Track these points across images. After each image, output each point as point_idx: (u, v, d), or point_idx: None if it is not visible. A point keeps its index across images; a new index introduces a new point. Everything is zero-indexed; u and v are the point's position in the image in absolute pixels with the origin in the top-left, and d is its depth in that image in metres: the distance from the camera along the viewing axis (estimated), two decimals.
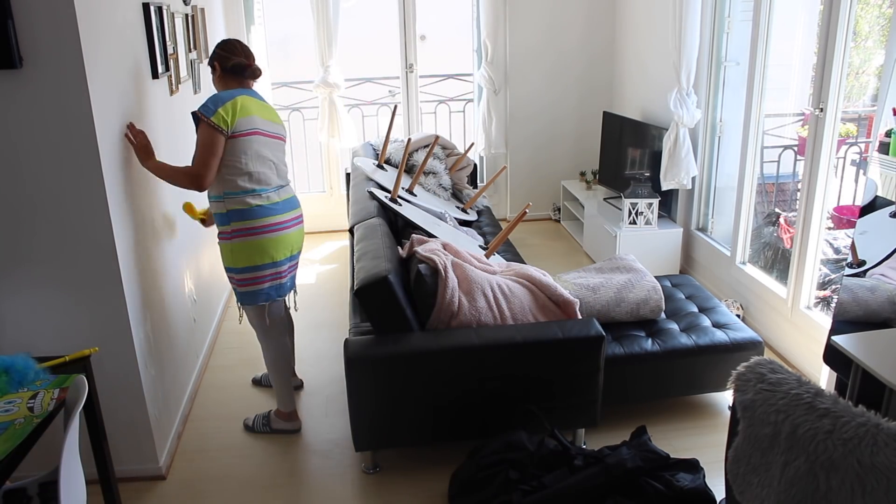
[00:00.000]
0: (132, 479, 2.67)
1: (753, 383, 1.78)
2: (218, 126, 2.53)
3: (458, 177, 4.63)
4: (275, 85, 5.57)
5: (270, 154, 2.71)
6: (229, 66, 2.69)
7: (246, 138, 2.61)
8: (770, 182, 4.72)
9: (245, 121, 2.60)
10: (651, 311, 3.06)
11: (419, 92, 5.45)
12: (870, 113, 4.53)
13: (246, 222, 2.65)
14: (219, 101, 2.57)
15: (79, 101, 2.20)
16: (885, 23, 4.18)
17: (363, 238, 3.00)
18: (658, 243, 4.38)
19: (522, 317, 2.70)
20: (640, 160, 4.67)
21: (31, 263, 2.35)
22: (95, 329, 2.45)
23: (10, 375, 1.94)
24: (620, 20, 5.26)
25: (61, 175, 2.27)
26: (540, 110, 5.48)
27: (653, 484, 2.30)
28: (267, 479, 2.72)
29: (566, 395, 2.64)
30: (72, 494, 1.82)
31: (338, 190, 5.53)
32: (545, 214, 5.77)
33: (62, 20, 2.12)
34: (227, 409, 3.17)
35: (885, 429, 1.52)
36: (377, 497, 2.60)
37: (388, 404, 2.57)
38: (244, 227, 2.65)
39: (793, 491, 1.61)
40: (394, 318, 2.59)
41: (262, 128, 2.66)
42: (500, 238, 3.34)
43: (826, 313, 3.25)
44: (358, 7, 6.68)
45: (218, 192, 2.66)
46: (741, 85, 3.84)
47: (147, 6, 2.86)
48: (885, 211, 2.44)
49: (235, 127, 2.57)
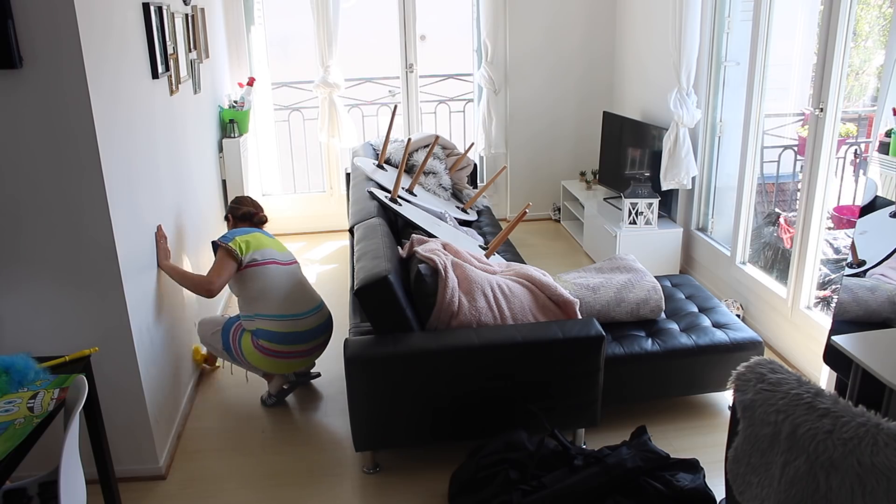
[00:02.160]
0: (132, 479, 2.67)
1: (753, 383, 1.78)
2: (232, 250, 2.90)
3: (458, 177, 4.63)
4: (275, 85, 5.57)
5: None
6: (239, 214, 3.24)
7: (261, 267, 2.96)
8: (770, 182, 4.72)
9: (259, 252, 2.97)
10: (651, 311, 3.06)
11: (419, 92, 5.45)
12: (870, 113, 4.53)
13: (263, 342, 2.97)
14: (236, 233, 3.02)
15: (79, 101, 2.20)
16: (885, 23, 4.18)
17: (363, 238, 3.00)
18: (658, 243, 4.38)
19: (522, 317, 2.70)
20: (640, 160, 4.67)
21: (32, 263, 2.35)
22: (95, 329, 2.45)
23: (10, 375, 1.94)
24: (620, 20, 5.26)
25: (61, 175, 2.27)
26: (540, 110, 5.48)
27: (653, 484, 2.30)
28: (267, 478, 2.72)
29: (566, 394, 2.64)
30: (72, 494, 1.82)
31: (338, 190, 5.53)
32: (545, 214, 5.77)
33: (62, 20, 2.12)
34: (227, 409, 3.17)
35: (885, 429, 1.52)
36: (377, 497, 2.60)
37: (388, 404, 2.57)
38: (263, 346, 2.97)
39: (793, 491, 1.62)
40: (394, 318, 2.58)
41: (278, 258, 3.02)
42: (500, 238, 3.34)
43: (826, 313, 3.25)
44: (358, 7, 6.68)
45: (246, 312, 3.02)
46: (741, 85, 3.83)
47: (147, 6, 2.86)
48: (885, 211, 2.44)
49: (251, 256, 2.93)
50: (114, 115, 2.43)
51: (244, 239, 2.95)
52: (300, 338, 2.98)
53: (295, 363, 3.03)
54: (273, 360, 2.97)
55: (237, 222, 3.23)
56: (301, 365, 3.09)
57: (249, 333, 2.97)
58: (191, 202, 3.49)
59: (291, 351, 2.97)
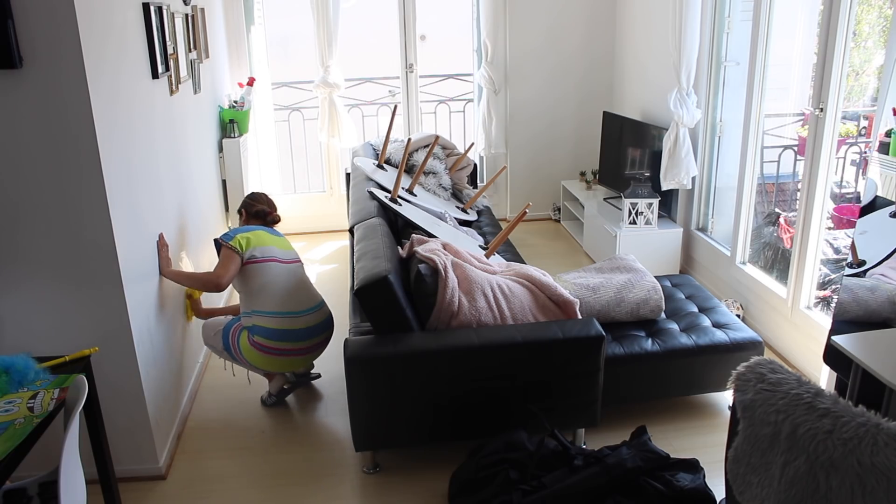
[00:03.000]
0: (132, 479, 2.67)
1: (753, 383, 1.78)
2: (234, 247, 2.94)
3: (458, 177, 4.63)
4: (275, 85, 5.57)
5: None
6: (253, 211, 3.25)
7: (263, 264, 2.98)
8: (770, 182, 4.72)
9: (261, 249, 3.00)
10: (651, 311, 3.06)
11: (419, 92, 5.45)
12: (870, 113, 4.53)
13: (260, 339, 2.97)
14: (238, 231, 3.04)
15: (79, 101, 2.20)
16: (885, 23, 4.18)
17: (363, 238, 3.00)
18: (658, 243, 4.38)
19: (522, 317, 2.70)
20: (640, 160, 4.67)
21: (32, 263, 2.35)
22: (95, 329, 2.45)
23: (10, 375, 1.94)
24: (621, 20, 5.26)
25: (61, 175, 2.27)
26: (540, 110, 5.48)
27: (653, 484, 2.30)
28: (267, 479, 2.72)
29: (566, 394, 2.64)
30: (72, 494, 1.82)
31: (338, 190, 5.53)
32: (545, 214, 5.77)
33: (62, 20, 2.12)
34: (227, 409, 3.17)
35: (885, 429, 1.52)
36: (377, 497, 2.60)
37: (388, 404, 2.57)
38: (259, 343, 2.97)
39: (793, 491, 1.62)
40: (394, 318, 2.58)
41: (279, 256, 3.04)
42: (500, 238, 3.34)
43: (826, 313, 3.25)
44: (358, 7, 6.68)
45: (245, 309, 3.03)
46: (741, 85, 3.83)
47: (147, 6, 2.86)
48: (885, 211, 2.44)
49: (251, 252, 2.96)
50: (114, 115, 2.43)
51: (244, 236, 2.98)
52: (297, 335, 2.97)
53: (294, 361, 3.03)
54: (269, 358, 2.96)
55: (249, 218, 3.26)
56: (300, 364, 3.09)
57: (246, 331, 2.97)
58: (191, 202, 3.49)
59: (287, 348, 2.96)
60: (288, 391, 3.19)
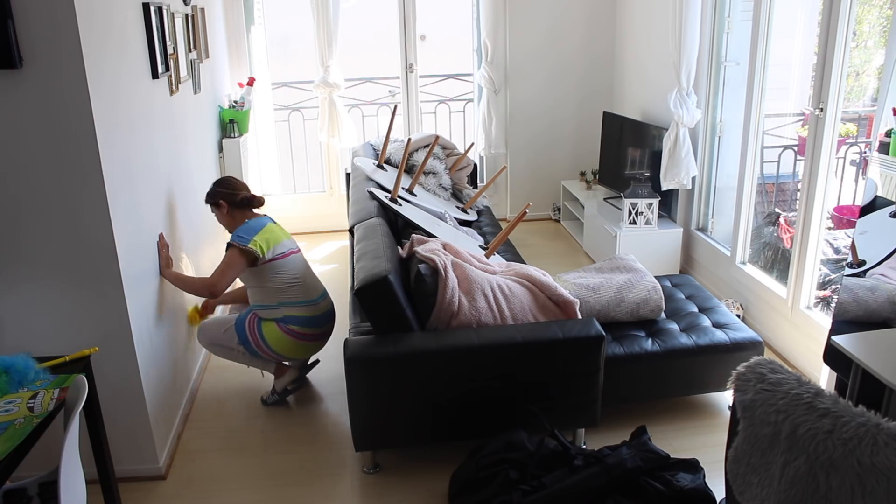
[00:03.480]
0: (132, 479, 2.67)
1: (753, 383, 1.78)
2: (252, 251, 2.87)
3: (458, 177, 4.63)
4: (275, 85, 5.57)
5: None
6: (238, 200, 3.03)
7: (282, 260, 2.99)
8: (770, 182, 4.72)
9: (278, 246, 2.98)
10: (651, 311, 3.06)
11: (419, 92, 5.45)
12: (870, 113, 4.53)
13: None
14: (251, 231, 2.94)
15: (79, 101, 2.20)
16: (885, 23, 4.18)
17: (363, 238, 3.00)
18: (658, 243, 4.38)
19: (522, 317, 2.70)
20: (640, 160, 4.67)
21: (32, 263, 2.35)
22: (95, 329, 2.45)
23: (10, 375, 1.94)
24: (620, 20, 5.26)
25: (61, 175, 2.27)
26: (540, 110, 5.47)
27: (653, 484, 2.30)
28: (267, 478, 2.72)
29: (566, 394, 2.64)
30: (72, 494, 1.82)
31: (338, 190, 5.53)
32: (545, 214, 5.77)
33: (62, 20, 2.12)
34: (227, 409, 3.17)
35: (885, 429, 1.52)
36: (377, 497, 2.60)
37: (388, 404, 2.57)
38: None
39: (793, 491, 1.62)
40: (394, 318, 2.58)
41: (292, 247, 3.06)
42: (500, 238, 3.34)
43: (826, 313, 3.25)
44: (358, 7, 6.68)
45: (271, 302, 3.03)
46: (741, 85, 3.83)
47: (147, 6, 2.86)
48: (885, 211, 2.44)
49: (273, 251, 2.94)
50: (114, 115, 2.43)
51: (262, 238, 2.94)
52: (319, 321, 3.10)
53: (318, 345, 3.16)
54: (303, 344, 3.07)
55: (234, 210, 3.04)
56: (316, 349, 3.18)
57: (273, 322, 3.01)
58: (191, 202, 3.49)
59: (316, 333, 3.10)
60: (291, 391, 3.19)
